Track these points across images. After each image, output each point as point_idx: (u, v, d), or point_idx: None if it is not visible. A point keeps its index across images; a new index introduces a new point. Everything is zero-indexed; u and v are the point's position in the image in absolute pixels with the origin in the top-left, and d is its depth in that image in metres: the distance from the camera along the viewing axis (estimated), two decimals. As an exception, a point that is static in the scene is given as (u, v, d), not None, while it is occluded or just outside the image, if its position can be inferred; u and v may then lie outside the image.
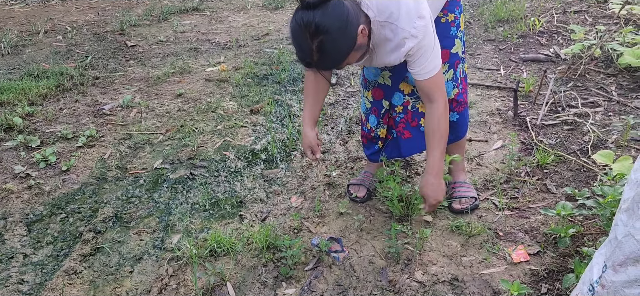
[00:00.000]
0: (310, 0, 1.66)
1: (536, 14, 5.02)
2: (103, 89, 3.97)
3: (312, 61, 1.73)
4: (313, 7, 1.65)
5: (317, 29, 1.65)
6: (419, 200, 2.29)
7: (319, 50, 1.69)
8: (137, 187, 2.73)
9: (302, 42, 1.70)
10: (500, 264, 2.03)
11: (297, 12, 1.71)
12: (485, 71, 3.94)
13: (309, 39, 1.67)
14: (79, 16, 6.15)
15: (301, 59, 1.77)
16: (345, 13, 1.69)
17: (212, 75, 4.15)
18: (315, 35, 1.66)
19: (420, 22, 1.82)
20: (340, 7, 1.68)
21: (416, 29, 1.82)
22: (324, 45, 1.68)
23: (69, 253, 2.26)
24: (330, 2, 1.67)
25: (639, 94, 3.27)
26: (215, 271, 2.06)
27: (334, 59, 1.75)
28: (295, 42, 1.75)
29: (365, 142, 2.48)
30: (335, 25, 1.66)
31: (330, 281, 2.02)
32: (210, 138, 3.18)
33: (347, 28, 1.70)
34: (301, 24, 1.67)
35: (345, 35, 1.71)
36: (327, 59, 1.73)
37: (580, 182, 2.48)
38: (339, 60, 1.76)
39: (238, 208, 2.51)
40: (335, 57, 1.74)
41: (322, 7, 1.65)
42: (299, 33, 1.70)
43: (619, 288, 1.25)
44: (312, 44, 1.68)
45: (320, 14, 1.65)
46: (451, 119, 2.25)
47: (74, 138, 3.21)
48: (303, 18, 1.67)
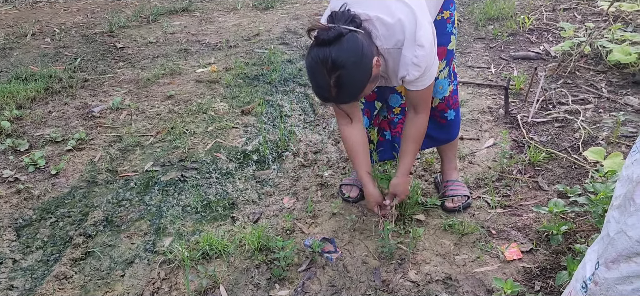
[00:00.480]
0: (325, 37, 1.67)
1: (526, 12, 5.04)
2: (92, 91, 3.93)
3: (330, 96, 1.75)
4: (328, 43, 1.67)
5: (334, 65, 1.67)
6: (413, 200, 2.30)
7: (337, 85, 1.71)
8: (128, 189, 2.70)
9: (319, 78, 1.72)
10: (493, 262, 2.03)
11: (312, 48, 1.73)
12: (476, 69, 3.95)
13: (327, 75, 1.69)
14: (67, 18, 6.10)
15: (319, 95, 1.80)
16: (360, 47, 1.71)
17: (202, 76, 4.12)
18: (332, 71, 1.68)
19: (420, 51, 1.82)
20: (355, 42, 1.70)
21: (418, 59, 1.83)
22: (342, 80, 1.69)
23: (59, 257, 2.23)
24: (345, 37, 1.68)
25: (628, 91, 3.30)
26: (208, 274, 2.04)
27: (351, 93, 1.77)
28: (312, 78, 1.76)
29: None
30: (351, 59, 1.68)
31: (324, 282, 2.01)
32: (202, 139, 3.16)
33: (363, 61, 1.72)
34: (317, 60, 1.69)
35: (362, 68, 1.73)
36: (345, 94, 1.75)
37: (571, 179, 2.49)
38: (357, 94, 1.79)
39: (230, 210, 2.50)
40: (353, 91, 1.76)
41: (337, 42, 1.67)
42: (315, 69, 1.71)
43: (611, 285, 1.25)
44: (330, 80, 1.70)
45: (336, 49, 1.67)
46: (448, 117, 2.25)
47: (63, 142, 3.18)
48: (319, 54, 1.69)
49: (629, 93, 3.26)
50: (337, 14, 1.77)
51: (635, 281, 1.20)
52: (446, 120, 2.26)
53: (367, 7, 1.84)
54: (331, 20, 1.78)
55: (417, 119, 2.04)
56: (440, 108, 2.23)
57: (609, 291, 1.26)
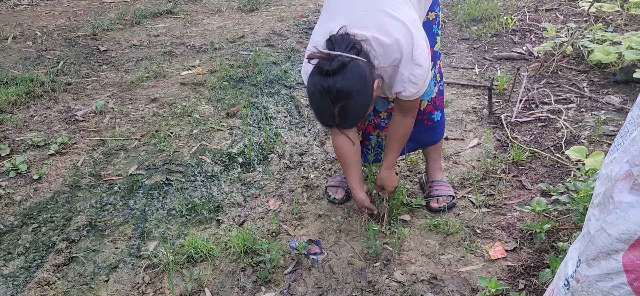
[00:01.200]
0: (329, 68, 1.67)
1: (509, 13, 5.09)
2: (75, 95, 3.89)
3: (334, 123, 1.76)
4: (332, 74, 1.67)
5: (338, 95, 1.68)
6: (398, 200, 2.31)
7: (341, 114, 1.72)
8: (112, 194, 2.68)
9: (323, 107, 1.73)
10: (478, 261, 2.05)
11: (314, 76, 1.73)
12: (460, 70, 3.98)
13: (331, 105, 1.70)
14: (49, 21, 6.02)
15: (322, 122, 1.82)
16: (363, 74, 1.71)
17: (187, 79, 4.10)
18: (337, 101, 1.69)
19: (418, 71, 1.83)
20: (358, 69, 1.70)
21: (415, 77, 1.84)
22: (347, 109, 1.71)
23: (42, 263, 2.20)
24: (348, 66, 1.68)
25: (609, 90, 3.34)
26: (193, 278, 2.03)
27: (355, 119, 1.79)
28: (315, 107, 1.77)
29: None
30: (355, 88, 1.69)
31: (310, 284, 2.01)
32: (186, 142, 3.14)
33: (366, 88, 1.73)
34: (321, 90, 1.69)
35: (365, 95, 1.74)
36: (349, 120, 1.77)
37: (554, 178, 2.51)
38: (360, 119, 1.81)
39: (215, 213, 2.48)
40: (357, 117, 1.78)
41: (340, 72, 1.67)
42: (319, 99, 1.72)
43: (593, 282, 1.26)
44: (334, 109, 1.71)
45: (340, 79, 1.67)
46: (435, 119, 2.27)
47: (45, 146, 3.14)
48: (322, 85, 1.69)
49: (610, 93, 3.30)
50: (337, 39, 1.76)
51: (615, 278, 1.21)
52: (433, 122, 2.27)
53: (363, 26, 1.82)
54: (330, 44, 1.77)
55: (405, 121, 2.06)
56: (427, 110, 2.24)
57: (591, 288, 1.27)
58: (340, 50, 1.71)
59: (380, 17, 1.83)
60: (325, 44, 1.79)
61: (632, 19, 4.35)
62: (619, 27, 4.20)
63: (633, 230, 1.14)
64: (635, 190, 1.13)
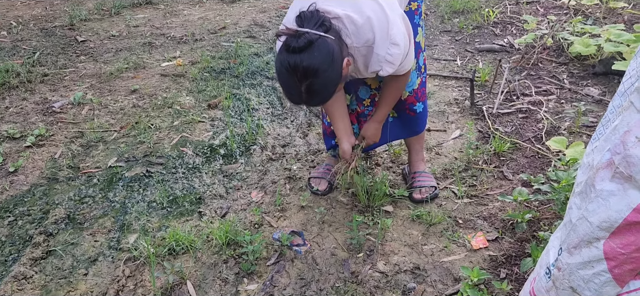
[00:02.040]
0: (295, 45, 1.65)
1: (490, 5, 5.11)
2: (52, 86, 3.81)
3: (301, 101, 1.74)
4: (299, 51, 1.65)
5: (305, 72, 1.65)
6: (381, 191, 2.31)
7: (308, 92, 1.70)
8: (91, 186, 2.63)
9: (290, 85, 1.71)
10: (460, 251, 2.06)
11: (281, 53, 1.70)
12: (443, 62, 3.99)
13: (298, 82, 1.68)
14: (25, 11, 5.88)
15: (290, 100, 1.79)
16: (330, 52, 1.69)
17: (167, 70, 4.04)
18: (304, 78, 1.67)
19: (394, 50, 1.82)
20: (325, 47, 1.68)
21: (392, 56, 1.83)
22: (313, 86, 1.69)
23: (18, 257, 2.15)
24: (315, 44, 1.66)
25: (589, 82, 3.38)
26: (174, 270, 2.00)
27: (323, 97, 1.77)
28: (283, 84, 1.75)
29: (325, 135, 2.47)
30: (322, 66, 1.66)
31: (293, 275, 2.00)
32: (167, 134, 3.10)
33: (334, 65, 1.70)
34: (288, 67, 1.67)
35: (333, 72, 1.71)
36: (317, 98, 1.75)
37: (535, 168, 2.54)
38: (328, 97, 1.79)
39: (197, 205, 2.46)
40: (324, 94, 1.76)
41: (307, 50, 1.65)
42: (286, 76, 1.70)
43: (574, 270, 1.27)
44: (301, 86, 1.68)
45: (306, 56, 1.65)
46: (417, 110, 2.26)
47: (21, 138, 3.06)
48: (289, 62, 1.66)
49: (590, 85, 3.34)
50: (306, 16, 1.74)
51: (596, 266, 1.22)
52: (415, 113, 2.27)
53: (336, 4, 1.81)
54: (299, 21, 1.74)
55: (397, 79, 2.02)
56: (409, 101, 2.24)
57: (572, 276, 1.28)
58: (309, 27, 1.69)
59: None
60: (295, 20, 1.76)
61: (611, 12, 4.41)
62: (598, 20, 4.25)
63: (614, 218, 1.15)
64: (617, 178, 1.14)
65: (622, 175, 1.12)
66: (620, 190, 1.13)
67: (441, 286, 1.91)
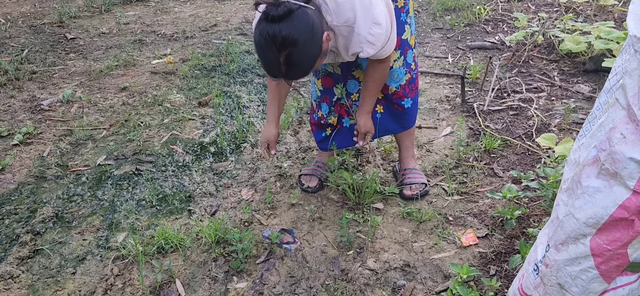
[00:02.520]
0: (274, 13, 1.61)
1: (482, 3, 5.12)
2: (41, 84, 3.78)
3: (280, 73, 1.70)
4: (278, 20, 1.61)
5: (284, 42, 1.61)
6: (371, 188, 2.30)
7: (287, 63, 1.65)
8: (79, 184, 2.61)
9: (268, 55, 1.66)
10: (450, 248, 2.06)
11: (260, 23, 1.66)
12: (434, 59, 3.99)
13: (276, 52, 1.63)
14: (13, 8, 5.83)
15: (268, 72, 1.74)
16: (310, 23, 1.66)
17: (158, 68, 4.02)
18: (282, 48, 1.62)
19: (376, 29, 1.80)
20: (305, 17, 1.65)
21: (374, 36, 1.81)
22: (292, 57, 1.64)
23: (5, 256, 2.13)
24: (295, 13, 1.62)
25: (579, 79, 3.39)
26: (163, 269, 1.99)
27: (302, 70, 1.72)
28: (261, 55, 1.70)
29: (314, 129, 2.46)
30: (302, 36, 1.63)
31: (283, 273, 1.99)
32: (157, 132, 3.08)
33: (314, 37, 1.67)
34: (267, 37, 1.62)
35: (312, 45, 1.68)
36: (296, 71, 1.71)
37: (525, 165, 2.54)
38: (307, 70, 1.74)
39: (186, 203, 2.44)
40: (304, 67, 1.71)
41: (287, 19, 1.61)
42: (264, 46, 1.65)
43: (561, 266, 1.27)
44: (280, 57, 1.64)
45: (286, 26, 1.61)
46: (405, 105, 2.26)
47: (9, 136, 3.04)
48: (268, 31, 1.62)
49: (580, 82, 3.35)
50: None
51: (583, 262, 1.23)
52: (403, 108, 2.27)
53: None
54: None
55: (379, 66, 2.00)
56: (396, 96, 2.23)
57: (559, 273, 1.29)
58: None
59: None
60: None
61: (602, 9, 4.43)
62: (589, 18, 4.27)
63: (600, 215, 1.15)
64: (602, 175, 1.14)
65: (607, 172, 1.12)
66: (606, 186, 1.14)
67: (431, 283, 1.90)
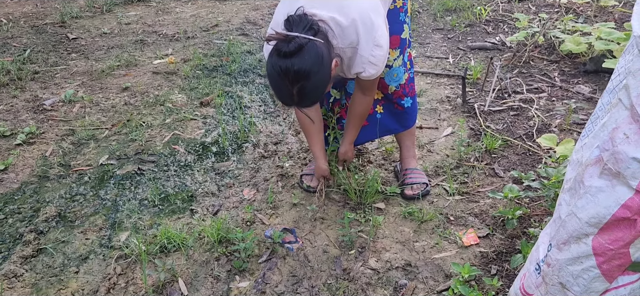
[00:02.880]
0: (286, 49, 1.68)
1: (482, 3, 5.13)
2: (43, 84, 3.78)
3: (293, 103, 1.79)
4: (290, 55, 1.68)
5: (296, 76, 1.70)
6: (373, 188, 2.31)
7: (299, 94, 1.74)
8: (82, 184, 2.62)
9: (281, 88, 1.75)
10: (451, 248, 2.07)
11: (272, 57, 1.74)
12: (435, 59, 4.00)
13: (289, 85, 1.72)
14: (15, 8, 5.84)
15: (282, 101, 1.84)
16: (320, 55, 1.73)
17: (159, 68, 4.02)
18: (295, 82, 1.71)
19: (378, 51, 1.88)
20: (315, 50, 1.72)
21: (375, 58, 1.89)
22: (304, 89, 1.73)
23: (9, 255, 2.14)
24: (305, 48, 1.70)
25: (579, 80, 3.40)
26: (166, 268, 2.00)
27: (313, 99, 1.83)
28: (275, 87, 1.79)
29: None
30: (313, 69, 1.71)
31: (285, 273, 2.00)
32: (159, 132, 3.09)
33: (323, 68, 1.75)
34: (279, 71, 1.71)
35: (323, 75, 1.75)
36: (307, 100, 1.80)
37: (526, 166, 2.55)
38: (318, 98, 1.86)
39: (189, 203, 2.45)
40: (315, 96, 1.81)
41: (298, 54, 1.69)
42: (277, 79, 1.74)
43: (563, 265, 1.28)
44: (293, 89, 1.73)
45: (297, 60, 1.69)
46: (405, 105, 2.28)
47: (12, 136, 3.04)
48: (280, 66, 1.70)
49: (580, 82, 3.36)
50: (294, 20, 1.78)
51: (584, 261, 1.23)
52: (403, 107, 2.28)
53: (321, 6, 1.85)
54: (288, 25, 1.77)
55: (364, 99, 2.12)
56: (396, 95, 2.25)
57: (561, 272, 1.29)
58: (298, 31, 1.73)
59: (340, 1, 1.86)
60: (283, 24, 1.80)
61: (602, 10, 4.44)
62: (589, 19, 4.28)
63: (602, 214, 1.16)
64: (605, 174, 1.15)
65: (610, 172, 1.13)
66: (609, 186, 1.14)
67: (432, 282, 1.91)
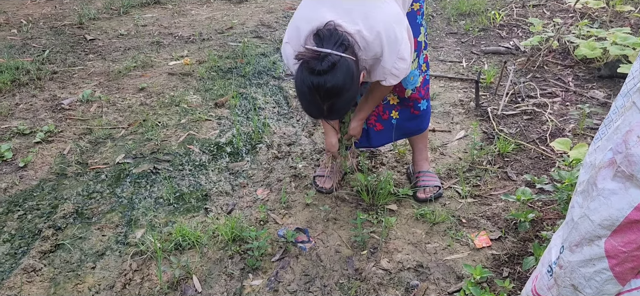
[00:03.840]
0: (319, 68, 1.71)
1: (497, 8, 5.12)
2: (61, 84, 3.85)
3: (322, 116, 1.86)
4: (323, 72, 1.72)
5: (328, 93, 1.74)
6: (385, 190, 2.33)
7: (330, 109, 1.79)
8: (99, 182, 2.66)
9: (312, 103, 1.80)
10: (463, 250, 2.07)
11: (303, 72, 1.77)
12: (448, 63, 4.01)
13: (321, 102, 1.77)
14: (34, 9, 5.94)
15: (310, 115, 1.91)
16: (351, 71, 1.76)
17: (175, 69, 4.08)
18: (327, 98, 1.76)
19: (401, 64, 1.91)
20: (346, 67, 1.75)
21: (398, 70, 1.92)
22: (335, 105, 1.78)
23: (28, 250, 2.19)
24: (338, 65, 1.73)
25: (594, 84, 3.39)
26: (180, 265, 2.03)
27: (343, 113, 1.91)
28: (305, 102, 1.83)
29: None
30: (345, 86, 1.75)
31: (297, 272, 2.02)
32: (174, 132, 3.13)
33: (354, 83, 1.79)
34: (311, 87, 1.75)
35: (353, 90, 1.80)
36: (337, 114, 1.88)
37: (539, 169, 2.55)
38: (347, 110, 1.93)
39: (203, 202, 2.48)
40: (345, 109, 1.87)
41: (331, 71, 1.72)
42: (309, 95, 1.78)
43: (575, 267, 1.29)
44: (324, 105, 1.77)
45: (330, 78, 1.72)
46: (421, 108, 2.29)
47: (31, 134, 3.11)
48: (313, 82, 1.74)
49: (595, 87, 3.35)
50: (325, 35, 1.78)
51: (597, 264, 1.24)
52: (419, 110, 2.29)
53: (349, 19, 1.85)
54: (318, 40, 1.78)
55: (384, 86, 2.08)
56: (413, 98, 2.26)
57: (573, 274, 1.30)
58: (329, 47, 1.74)
59: (364, 8, 1.88)
60: (313, 39, 1.80)
61: (618, 15, 4.41)
62: (605, 23, 4.26)
63: (615, 216, 1.16)
64: (618, 177, 1.16)
65: (623, 174, 1.14)
66: (622, 188, 1.15)
67: (444, 284, 1.92)
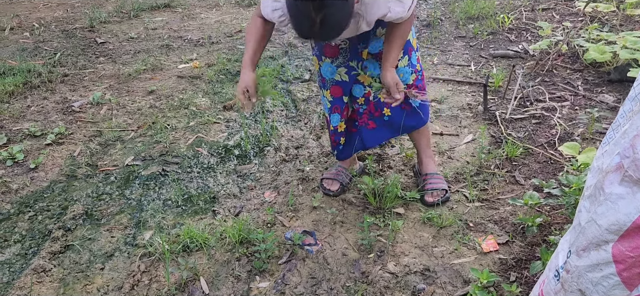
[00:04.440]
0: None
1: (505, 11, 5.11)
2: (72, 86, 3.89)
3: (313, 34, 1.72)
4: None
5: (321, 3, 1.62)
6: (392, 193, 2.33)
7: (322, 25, 1.67)
8: (108, 184, 2.69)
9: (303, 17, 1.67)
10: (470, 254, 2.07)
11: None
12: (456, 67, 4.00)
13: (313, 14, 1.64)
14: (46, 12, 6.01)
15: (300, 33, 1.75)
16: None
17: (184, 72, 4.11)
18: (319, 10, 1.63)
19: None
20: None
21: None
22: (327, 18, 1.66)
23: (38, 251, 2.21)
24: None
25: (603, 89, 3.37)
26: (188, 266, 2.05)
27: (335, 31, 1.74)
28: (295, 17, 1.71)
29: (332, 139, 2.49)
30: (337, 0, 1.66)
31: (304, 274, 2.03)
32: (183, 134, 3.15)
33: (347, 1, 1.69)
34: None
35: (346, 5, 1.70)
36: (329, 32, 1.73)
37: (547, 174, 2.54)
38: (340, 31, 1.76)
39: (211, 204, 2.50)
40: (337, 28, 1.73)
41: None
42: (299, 8, 1.67)
43: (582, 272, 1.28)
44: (316, 18, 1.65)
45: None
46: (413, 104, 2.28)
47: (42, 136, 3.14)
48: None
49: (604, 91, 3.33)
50: None
51: (604, 268, 1.23)
52: (411, 106, 2.27)
53: None
54: None
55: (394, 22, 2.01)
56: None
57: (580, 279, 1.29)
58: None
59: None
60: None
61: (628, 19, 4.38)
62: (615, 27, 4.23)
63: (623, 221, 1.16)
64: (626, 181, 1.15)
65: (631, 179, 1.13)
66: (629, 193, 1.15)
67: (451, 287, 1.92)
